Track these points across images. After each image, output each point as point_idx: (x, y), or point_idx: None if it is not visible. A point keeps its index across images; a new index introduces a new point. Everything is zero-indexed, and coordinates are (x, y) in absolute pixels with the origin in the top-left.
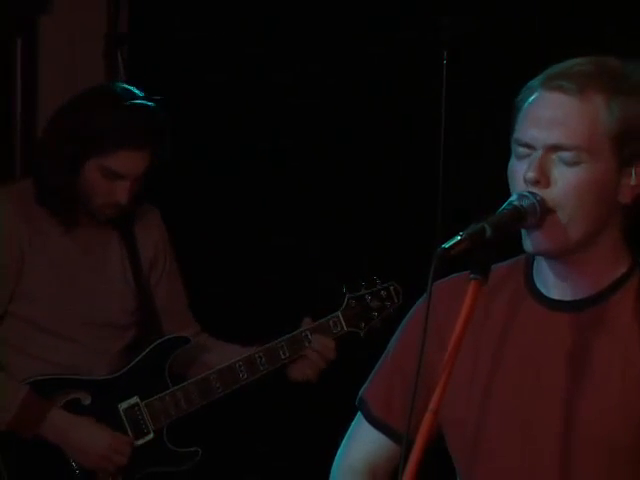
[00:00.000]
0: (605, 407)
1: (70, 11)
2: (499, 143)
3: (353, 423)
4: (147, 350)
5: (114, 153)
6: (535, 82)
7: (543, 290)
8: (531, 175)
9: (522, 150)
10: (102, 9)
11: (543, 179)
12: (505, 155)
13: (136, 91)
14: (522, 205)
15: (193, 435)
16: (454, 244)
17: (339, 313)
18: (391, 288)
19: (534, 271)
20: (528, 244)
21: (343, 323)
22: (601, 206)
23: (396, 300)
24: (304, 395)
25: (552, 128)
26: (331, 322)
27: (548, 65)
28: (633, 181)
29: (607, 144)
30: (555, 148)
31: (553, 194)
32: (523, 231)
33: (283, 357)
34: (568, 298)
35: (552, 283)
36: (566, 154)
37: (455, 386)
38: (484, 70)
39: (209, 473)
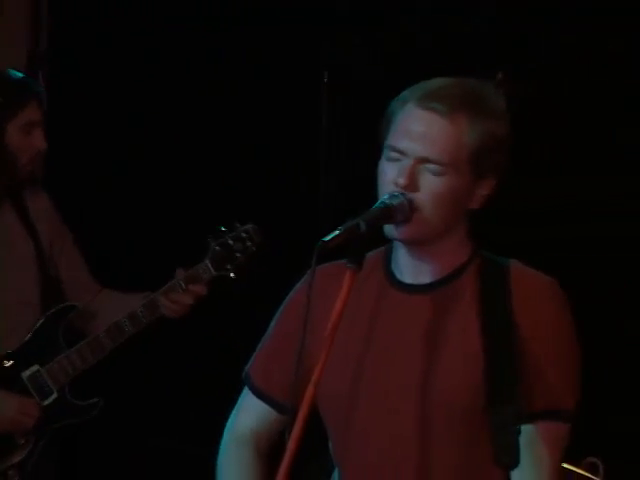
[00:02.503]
0: (451, 375)
1: None
2: (377, 147)
3: (241, 396)
4: (41, 321)
5: (27, 106)
6: (408, 96)
7: (398, 276)
8: (401, 181)
9: (394, 154)
10: (26, 27)
11: (411, 185)
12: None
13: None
14: (392, 203)
15: (98, 389)
16: (333, 237)
17: (207, 261)
18: (250, 229)
19: (392, 261)
20: (395, 233)
21: (211, 268)
22: (455, 209)
23: (256, 239)
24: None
25: (424, 143)
26: (200, 269)
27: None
28: (484, 191)
29: (467, 159)
30: (424, 160)
31: (419, 197)
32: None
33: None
34: (420, 282)
35: (407, 269)
36: (433, 166)
37: (329, 365)
38: (365, 81)
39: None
